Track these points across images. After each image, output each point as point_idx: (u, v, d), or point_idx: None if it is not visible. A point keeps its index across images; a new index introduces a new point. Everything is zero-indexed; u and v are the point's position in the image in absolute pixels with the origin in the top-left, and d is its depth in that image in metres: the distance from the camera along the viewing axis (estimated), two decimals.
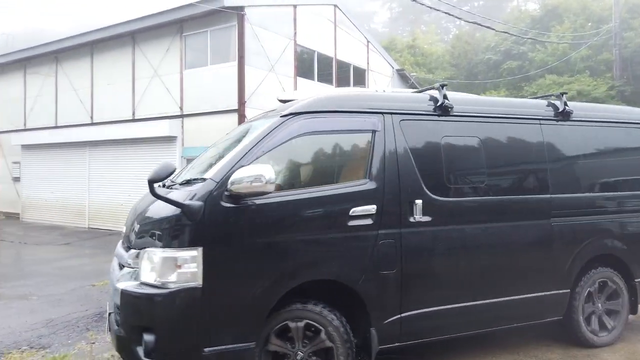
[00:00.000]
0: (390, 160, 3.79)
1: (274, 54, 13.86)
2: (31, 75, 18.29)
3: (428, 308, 3.86)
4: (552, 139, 4.54)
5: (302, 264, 3.51)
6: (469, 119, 4.22)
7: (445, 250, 3.94)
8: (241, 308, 3.30)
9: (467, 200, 4.10)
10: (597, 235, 4.63)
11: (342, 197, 3.63)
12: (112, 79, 15.56)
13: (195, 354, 3.17)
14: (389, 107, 3.96)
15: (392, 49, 31.16)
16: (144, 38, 14.73)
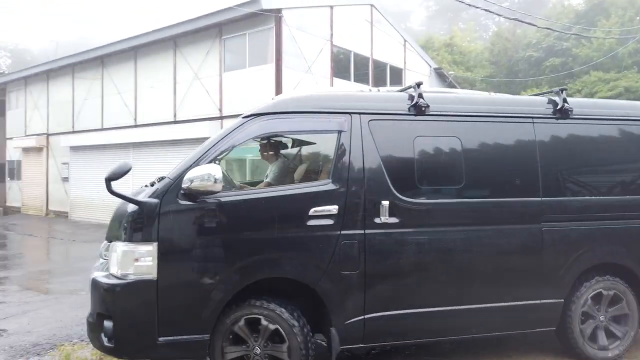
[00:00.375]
0: (355, 160, 3.71)
1: (311, 55, 13.96)
2: (79, 80, 19.11)
3: (395, 311, 3.74)
4: (546, 138, 4.18)
5: (257, 261, 3.54)
6: (447, 118, 4.01)
7: (416, 253, 3.77)
8: (195, 302, 3.42)
9: (442, 203, 3.93)
10: (599, 242, 4.19)
11: (300, 197, 3.65)
12: (154, 82, 16.05)
13: (150, 343, 3.34)
14: (357, 107, 3.87)
15: (429, 48, 30.76)
16: (184, 42, 15.13)
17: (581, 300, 4.14)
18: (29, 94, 21.86)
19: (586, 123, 4.31)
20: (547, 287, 4.04)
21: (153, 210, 3.36)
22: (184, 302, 3.41)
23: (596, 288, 4.18)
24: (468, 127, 4.03)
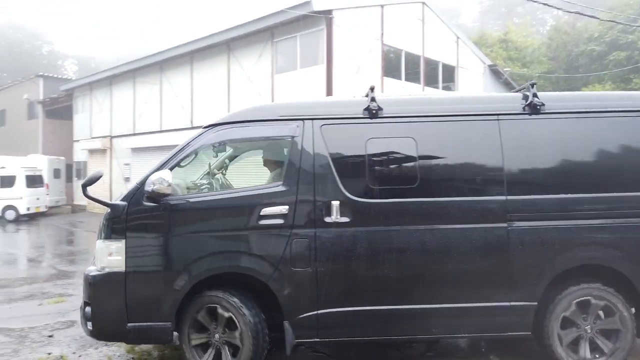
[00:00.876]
0: (306, 163, 3.91)
1: (361, 55, 13.97)
2: (140, 85, 20.06)
3: (348, 308, 3.84)
4: (513, 135, 4.01)
5: (212, 257, 3.85)
6: (401, 120, 4.06)
7: (367, 252, 3.83)
8: (157, 292, 3.83)
9: (394, 202, 3.91)
10: (578, 242, 3.89)
11: (252, 198, 3.92)
12: (209, 86, 16.60)
13: (121, 328, 3.82)
14: (310, 113, 4.06)
15: (482, 44, 29.93)
16: (238, 46, 15.55)
17: (561, 305, 3.89)
18: (94, 99, 23.18)
19: (560, 118, 4.07)
20: (516, 289, 3.87)
21: (122, 212, 3.87)
22: (148, 293, 3.84)
23: (582, 295, 3.89)
24: (424, 128, 4.04)
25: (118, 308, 3.82)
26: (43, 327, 5.58)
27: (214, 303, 3.85)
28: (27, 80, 29.95)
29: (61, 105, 26.62)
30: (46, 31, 72.57)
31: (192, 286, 3.82)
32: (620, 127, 4.06)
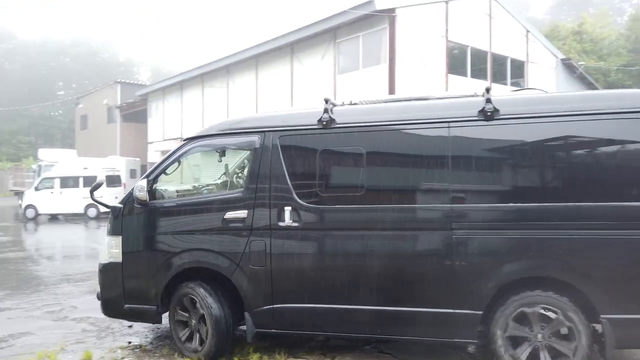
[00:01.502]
0: (263, 171, 4.29)
1: (425, 53, 13.73)
2: (208, 89, 20.91)
3: (299, 304, 4.17)
4: (463, 142, 3.92)
5: (186, 253, 4.45)
6: (351, 130, 4.20)
7: (315, 254, 4.13)
8: (145, 281, 4.56)
9: (341, 208, 4.13)
10: (528, 253, 3.72)
11: (216, 203, 4.47)
12: (273, 87, 17.00)
13: (120, 307, 4.66)
14: (270, 125, 4.42)
15: (554, 37, 28.44)
16: (301, 48, 15.80)
17: (507, 315, 3.74)
18: (166, 103, 24.44)
19: (516, 123, 3.84)
20: (460, 297, 3.82)
21: (119, 212, 4.65)
22: (138, 281, 4.61)
23: (527, 304, 3.70)
24: (372, 137, 4.16)
25: (118, 292, 4.65)
26: None
27: (189, 294, 4.43)
28: (106, 86, 32.12)
29: (136, 109, 28.31)
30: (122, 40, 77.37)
31: (171, 277, 4.46)
32: (578, 131, 3.77)
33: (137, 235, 4.62)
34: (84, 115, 36.01)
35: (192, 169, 5.30)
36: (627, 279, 3.57)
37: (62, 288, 7.58)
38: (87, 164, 21.06)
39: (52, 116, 61.68)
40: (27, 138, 57.06)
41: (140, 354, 4.68)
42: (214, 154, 4.86)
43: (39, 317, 6.03)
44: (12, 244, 12.89)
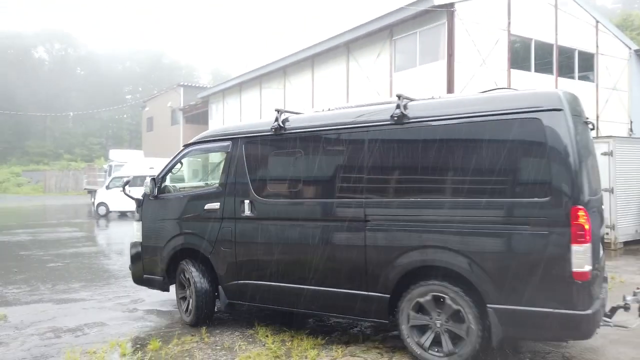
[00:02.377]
0: (231, 171, 5.26)
1: (485, 48, 13.29)
2: (265, 90, 21.34)
3: (254, 281, 5.09)
4: (376, 144, 4.42)
5: (180, 236, 5.59)
6: (296, 136, 4.92)
7: (264, 240, 5.02)
8: (154, 257, 5.82)
9: (282, 202, 5.04)
10: (422, 244, 4.14)
11: (199, 196, 5.62)
12: (329, 87, 17.07)
13: (141, 277, 6.05)
14: (239, 132, 5.39)
15: (627, 27, 26.64)
16: (357, 47, 15.76)
17: (410, 300, 4.17)
18: (226, 104, 25.18)
19: (422, 126, 4.24)
20: (371, 281, 4.36)
21: (140, 203, 5.99)
22: (150, 257, 5.89)
23: (427, 291, 4.10)
24: (308, 141, 4.87)
25: (139, 265, 6.01)
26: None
27: (184, 270, 5.54)
28: (170, 89, 33.55)
29: (198, 111, 29.37)
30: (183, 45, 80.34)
31: (171, 254, 5.62)
32: (474, 132, 4.04)
33: (150, 221, 5.90)
34: (150, 118, 37.83)
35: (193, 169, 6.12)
36: (511, 272, 3.79)
37: (130, 281, 8.02)
38: (153, 163, 22.10)
39: (120, 119, 65.28)
40: (98, 140, 60.74)
41: (203, 345, 4.87)
42: (206, 156, 6.18)
43: (110, 308, 6.40)
44: (85, 239, 13.77)
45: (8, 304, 6.61)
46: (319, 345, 4.78)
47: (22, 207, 27.84)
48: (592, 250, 3.67)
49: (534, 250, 3.72)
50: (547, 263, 3.67)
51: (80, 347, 4.81)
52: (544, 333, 3.84)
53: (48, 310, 6.28)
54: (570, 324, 3.64)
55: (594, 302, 3.71)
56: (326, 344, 4.83)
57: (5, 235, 14.58)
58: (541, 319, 3.69)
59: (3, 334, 5.28)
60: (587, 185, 3.77)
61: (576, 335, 3.81)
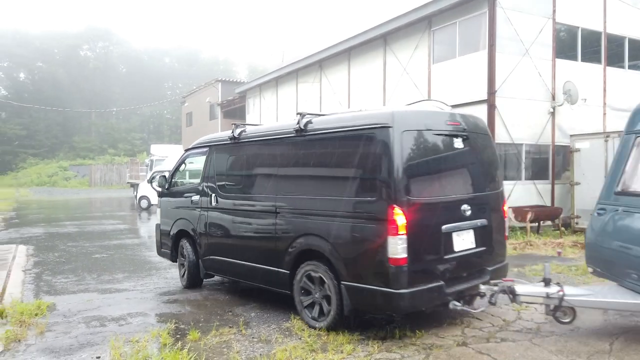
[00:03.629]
0: (206, 171, 6.84)
1: (529, 37, 12.82)
2: (301, 84, 21.37)
3: (218, 257, 6.53)
4: (285, 152, 5.67)
5: (179, 220, 7.26)
6: (243, 143, 6.32)
7: (222, 225, 6.46)
8: (167, 235, 7.52)
9: (231, 196, 6.39)
10: (306, 232, 5.24)
11: (189, 190, 7.17)
12: (365, 80, 16.92)
13: (160, 251, 7.88)
14: (213, 141, 6.97)
15: None
16: (394, 38, 15.53)
17: (299, 277, 5.29)
18: (262, 99, 25.39)
19: (312, 138, 5.36)
20: (278, 260, 5.55)
21: (159, 194, 7.84)
22: (165, 236, 7.63)
23: (307, 269, 5.21)
24: (251, 148, 6.23)
25: (158, 241, 7.91)
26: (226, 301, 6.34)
27: (182, 246, 7.21)
28: (208, 85, 34.12)
29: (235, 106, 29.75)
30: (221, 40, 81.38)
31: (175, 235, 7.31)
32: (337, 143, 5.13)
33: (164, 209, 7.78)
34: (189, 113, 38.63)
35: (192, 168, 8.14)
36: (352, 255, 4.81)
37: (171, 272, 8.23)
38: None
39: (161, 114, 67.00)
40: (140, 135, 62.60)
41: (240, 337, 4.94)
42: (198, 158, 7.27)
43: (152, 298, 6.60)
44: (128, 232, 14.23)
45: (57, 293, 6.91)
46: (355, 340, 4.77)
47: (70, 200, 29.05)
48: (417, 242, 4.55)
49: (366, 240, 4.70)
50: (374, 250, 4.61)
51: (124, 335, 4.97)
52: (374, 306, 4.82)
53: (94, 299, 6.53)
54: (388, 300, 4.54)
55: (417, 285, 4.56)
56: (362, 339, 4.81)
57: (55, 227, 15.25)
58: (372, 295, 4.65)
59: (52, 321, 5.53)
60: (405, 187, 4.57)
61: (394, 309, 4.73)
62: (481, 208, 5.27)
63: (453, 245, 4.91)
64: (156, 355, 4.38)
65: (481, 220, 5.22)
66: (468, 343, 4.70)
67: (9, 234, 13.14)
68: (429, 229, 4.74)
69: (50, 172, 49.26)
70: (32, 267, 8.78)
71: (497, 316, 5.54)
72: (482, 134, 5.58)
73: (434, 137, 5.00)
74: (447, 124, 5.16)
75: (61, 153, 56.46)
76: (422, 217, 4.66)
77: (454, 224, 4.92)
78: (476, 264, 5.21)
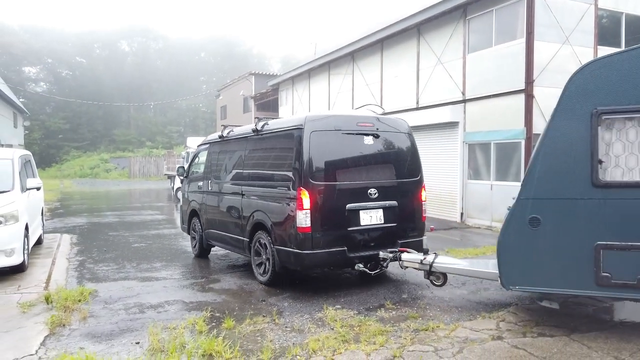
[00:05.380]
0: (207, 163, 8.63)
1: (569, 24, 12.35)
2: (333, 76, 21.30)
3: (212, 230, 8.24)
4: (248, 147, 7.37)
5: (192, 202, 9.05)
6: (226, 141, 8.10)
7: (213, 205, 8.17)
8: (185, 215, 9.32)
9: (217, 182, 8.07)
10: (257, 209, 6.82)
11: (197, 178, 8.92)
12: (398, 72, 16.71)
13: (182, 227, 9.77)
14: (211, 139, 8.81)
15: None
16: (428, 28, 15.26)
17: (254, 243, 6.88)
18: (295, 92, 25.47)
19: (263, 137, 7.06)
20: (242, 231, 7.17)
21: (181, 182, 10.29)
22: (184, 215, 9.38)
23: (258, 237, 6.78)
24: (230, 145, 7.97)
25: (181, 218, 9.72)
26: (257, 290, 6.46)
27: (194, 222, 8.94)
28: (242, 78, 34.47)
29: (269, 98, 29.97)
30: (254, 33, 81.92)
31: (189, 213, 9.07)
32: (280, 141, 6.63)
33: (184, 193, 9.60)
34: (224, 106, 39.18)
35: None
36: (278, 226, 6.35)
37: (206, 262, 8.42)
38: None
39: (196, 108, 68.17)
40: (177, 128, 63.86)
41: (274, 326, 5.02)
42: (204, 152, 8.90)
43: (188, 287, 6.78)
44: (166, 222, 14.62)
45: (99, 280, 7.19)
46: (388, 332, 4.77)
47: (110, 191, 30.03)
48: (320, 216, 5.97)
49: (286, 214, 6.19)
50: (290, 222, 6.10)
51: (162, 322, 5.14)
52: (291, 264, 6.22)
53: (133, 287, 6.76)
54: (298, 259, 6.01)
55: (321, 248, 5.98)
56: (395, 331, 4.81)
57: (97, 217, 15.82)
58: (289, 255, 6.16)
59: (95, 307, 5.76)
60: (311, 174, 5.98)
61: (303, 266, 6.13)
62: (391, 193, 6.47)
63: (360, 220, 6.22)
64: (192, 342, 4.50)
65: (390, 202, 6.44)
66: (503, 337, 4.62)
67: (54, 224, 13.72)
68: (333, 207, 6.07)
69: (92, 164, 50.98)
70: (76, 255, 9.15)
71: (534, 311, 5.43)
72: (400, 132, 6.78)
73: (342, 135, 6.27)
74: (357, 125, 6.40)
75: (102, 146, 58.33)
76: (326, 197, 6.03)
77: (359, 204, 6.20)
78: (386, 237, 6.37)
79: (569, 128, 4.39)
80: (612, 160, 4.35)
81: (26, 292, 6.32)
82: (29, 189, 8.09)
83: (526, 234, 4.58)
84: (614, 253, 4.28)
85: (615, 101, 4.29)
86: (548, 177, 4.50)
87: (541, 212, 4.52)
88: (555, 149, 4.46)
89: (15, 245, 6.94)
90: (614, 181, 4.30)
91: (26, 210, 7.64)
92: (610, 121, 4.33)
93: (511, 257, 4.74)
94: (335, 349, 4.36)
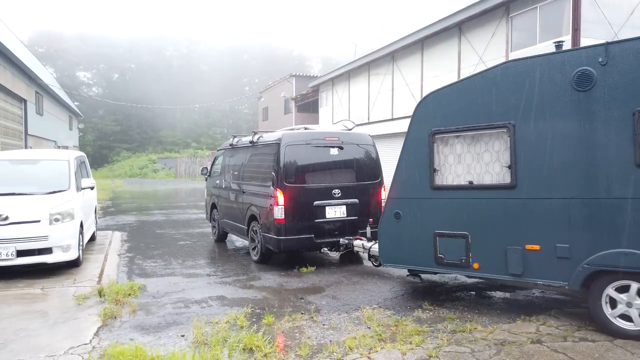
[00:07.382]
0: (223, 165, 10.23)
1: (617, 20, 11.88)
2: (373, 76, 21.27)
3: (224, 219, 9.98)
4: (247, 155, 9.03)
5: (213, 196, 10.87)
6: (234, 148, 9.72)
7: (225, 198, 9.88)
8: (207, 206, 11.44)
9: (228, 180, 9.76)
10: (251, 203, 8.43)
11: (217, 176, 10.61)
12: (438, 71, 16.52)
13: (207, 216, 11.61)
14: (225, 146, 10.40)
15: None
16: (469, 27, 15.02)
17: (249, 229, 8.52)
18: (335, 93, 25.59)
19: (255, 145, 8.68)
20: (242, 219, 8.80)
21: (206, 180, 11.70)
22: (207, 207, 11.47)
23: (252, 225, 8.40)
24: (236, 151, 9.62)
25: (206, 210, 11.55)
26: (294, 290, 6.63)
27: (214, 212, 10.75)
28: (283, 80, 34.91)
29: (309, 100, 30.23)
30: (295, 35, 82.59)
31: (210, 205, 10.91)
32: (264, 150, 8.31)
33: (207, 188, 11.21)
34: (265, 108, 39.81)
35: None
36: (264, 218, 7.91)
37: (248, 259, 8.68)
38: None
39: (239, 110, 69.56)
40: (220, 129, 65.44)
41: (312, 324, 5.14)
42: (221, 156, 10.51)
43: (230, 283, 7.01)
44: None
45: (147, 275, 7.56)
46: (424, 332, 4.80)
47: (158, 190, 31.12)
48: (292, 211, 7.56)
49: (268, 208, 7.78)
50: (270, 214, 7.68)
51: (205, 317, 5.37)
52: (272, 246, 7.73)
53: (179, 282, 7.07)
54: (276, 243, 7.61)
55: (292, 235, 7.56)
56: (432, 331, 4.83)
57: (145, 215, 16.49)
58: (269, 240, 7.75)
59: (143, 301, 6.08)
60: (286, 178, 7.57)
61: (279, 249, 7.62)
62: (353, 192, 7.97)
63: (325, 214, 7.77)
64: (234, 337, 4.69)
65: (352, 200, 7.96)
66: (543, 341, 4.56)
67: (105, 222, 14.43)
68: (302, 203, 7.60)
69: (141, 165, 52.98)
70: (126, 251, 9.62)
71: (576, 315, 5.32)
72: (362, 144, 8.27)
73: (312, 148, 7.83)
74: (325, 139, 7.95)
75: (150, 147, 60.56)
76: (296, 196, 7.58)
77: (324, 201, 7.76)
78: (348, 227, 7.84)
79: (416, 145, 5.75)
80: (444, 169, 5.60)
81: (81, 286, 6.73)
82: (83, 189, 8.59)
83: (393, 224, 5.95)
84: (445, 239, 5.53)
85: (445, 123, 5.52)
86: (405, 182, 5.86)
87: (401, 208, 5.89)
88: (408, 161, 5.83)
89: (71, 242, 7.40)
90: (443, 184, 5.58)
91: (81, 208, 8.11)
92: (442, 139, 5.58)
93: (385, 242, 6.10)
94: (372, 347, 4.43)
